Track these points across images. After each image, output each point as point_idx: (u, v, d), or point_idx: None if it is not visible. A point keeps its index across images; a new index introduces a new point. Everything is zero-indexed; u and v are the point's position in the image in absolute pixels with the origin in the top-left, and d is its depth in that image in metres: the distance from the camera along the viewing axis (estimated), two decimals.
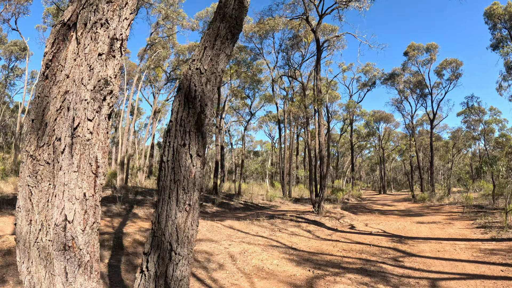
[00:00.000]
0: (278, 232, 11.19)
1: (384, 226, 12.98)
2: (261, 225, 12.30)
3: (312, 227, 12.55)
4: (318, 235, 11.18)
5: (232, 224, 12.28)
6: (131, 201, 16.84)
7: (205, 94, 2.55)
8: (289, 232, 11.35)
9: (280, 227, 12.15)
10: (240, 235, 10.63)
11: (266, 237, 10.41)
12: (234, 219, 13.45)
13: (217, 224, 11.98)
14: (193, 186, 2.39)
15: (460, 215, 15.50)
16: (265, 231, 11.31)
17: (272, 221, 12.92)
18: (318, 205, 15.01)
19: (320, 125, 15.68)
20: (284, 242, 9.91)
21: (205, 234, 10.33)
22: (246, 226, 11.98)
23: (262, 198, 22.38)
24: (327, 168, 14.67)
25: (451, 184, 34.02)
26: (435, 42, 30.60)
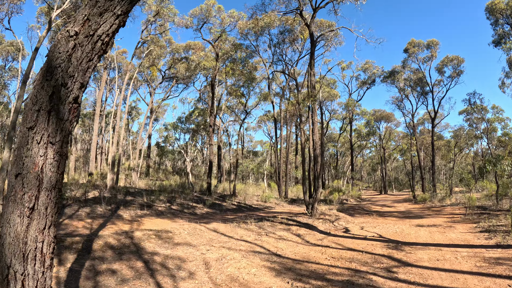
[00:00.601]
0: (264, 236, 10.31)
1: (381, 230, 12.05)
2: (248, 228, 11.42)
3: (303, 230, 11.65)
4: (308, 240, 10.28)
5: (217, 227, 11.44)
6: (118, 202, 15.99)
7: (71, 63, 1.69)
8: (277, 236, 10.46)
9: (268, 230, 11.26)
10: (222, 239, 9.78)
11: (250, 242, 9.54)
12: (221, 221, 12.59)
13: (201, 227, 11.15)
14: (39, 183, 1.57)
15: (462, 217, 14.52)
16: (251, 235, 10.43)
17: (261, 224, 12.04)
18: (312, 207, 14.11)
19: (314, 122, 14.79)
20: (269, 247, 9.03)
21: (184, 238, 9.49)
22: (231, 230, 11.13)
23: (257, 199, 21.50)
24: (321, 168, 13.77)
25: (453, 184, 32.92)
26: (436, 39, 29.56)
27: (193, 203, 18.12)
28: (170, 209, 16.44)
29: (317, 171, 14.18)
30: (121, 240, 8.19)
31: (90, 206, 13.97)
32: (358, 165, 77.74)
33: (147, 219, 12.75)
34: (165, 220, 12.98)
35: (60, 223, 10.74)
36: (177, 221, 12.82)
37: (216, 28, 25.54)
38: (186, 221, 12.88)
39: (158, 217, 13.70)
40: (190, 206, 17.48)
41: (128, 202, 16.37)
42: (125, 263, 6.67)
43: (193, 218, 13.97)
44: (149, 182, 26.07)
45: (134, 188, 22.89)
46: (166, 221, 12.56)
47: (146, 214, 14.33)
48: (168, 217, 14.09)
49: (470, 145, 39.68)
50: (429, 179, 40.94)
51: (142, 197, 17.65)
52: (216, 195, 21.95)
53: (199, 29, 25.52)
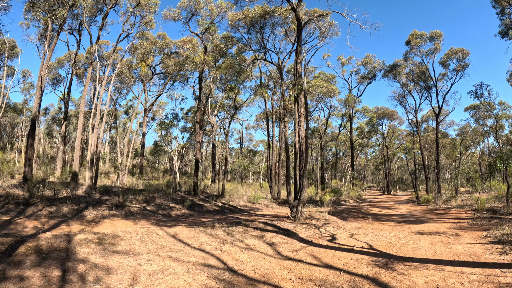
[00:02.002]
0: (228, 245, 8.46)
1: (373, 238, 10.05)
2: (213, 234, 9.60)
3: (279, 238, 9.74)
4: (280, 251, 8.38)
5: (180, 231, 9.68)
6: (90, 201, 14.62)
7: None
8: (244, 246, 8.60)
9: (237, 237, 9.40)
10: (176, 246, 8.07)
11: (207, 252, 7.76)
12: (188, 225, 10.78)
13: (160, 231, 9.41)
14: None
15: (469, 223, 12.40)
16: (213, 243, 8.63)
17: (231, 229, 10.18)
18: (296, 210, 12.17)
19: (300, 115, 12.86)
20: (227, 260, 7.21)
21: (132, 244, 7.88)
22: (194, 235, 9.34)
23: (246, 200, 19.61)
24: (305, 165, 11.83)
25: (458, 184, 30.50)
26: (440, 30, 27.24)
27: (173, 204, 16.41)
28: (144, 209, 14.83)
29: (302, 169, 12.23)
30: (54, 244, 7.01)
31: (57, 205, 12.97)
32: (361, 164, 75.30)
33: (109, 221, 11.28)
34: (129, 221, 11.43)
35: (11, 222, 9.74)
36: (141, 223, 11.20)
37: (205, 20, 23.77)
38: (151, 223, 11.22)
39: (125, 218, 12.22)
40: (167, 207, 15.76)
41: (100, 202, 15.06)
42: (40, 270, 5.67)
43: (162, 220, 12.22)
44: (136, 181, 24.47)
45: (117, 187, 21.38)
46: (128, 223, 11.03)
47: (114, 215, 12.94)
48: (136, 218, 12.54)
49: (476, 143, 37.04)
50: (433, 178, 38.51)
51: (119, 197, 16.10)
52: (203, 195, 20.16)
53: (187, 22, 23.78)
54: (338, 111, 35.94)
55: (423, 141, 36.67)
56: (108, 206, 14.53)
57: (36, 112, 20.08)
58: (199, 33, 22.99)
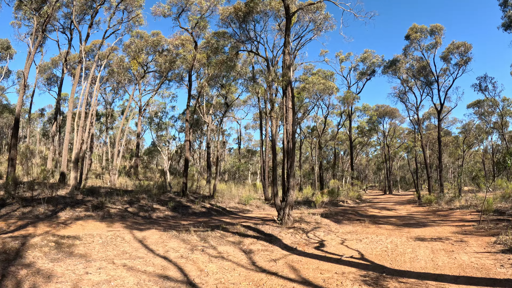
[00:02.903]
0: (197, 253, 7.35)
1: (367, 246, 8.78)
2: (186, 239, 8.47)
3: (258, 245, 8.53)
4: (256, 261, 7.18)
5: (149, 236, 8.57)
6: (69, 202, 13.78)
7: None
8: (215, 253, 7.45)
9: (210, 243, 8.24)
10: (138, 253, 7.03)
11: (171, 260, 6.73)
12: (163, 228, 9.64)
13: (127, 235, 8.35)
14: None
15: (475, 226, 11.05)
16: (181, 250, 7.56)
17: (208, 234, 9.03)
18: (283, 213, 10.93)
19: (287, 109, 11.63)
20: (189, 271, 6.16)
21: (91, 249, 7.02)
22: (164, 240, 8.22)
23: (237, 201, 18.40)
24: (291, 164, 10.59)
25: (462, 183, 28.99)
26: (440, 24, 25.82)
27: (157, 205, 15.30)
28: (125, 211, 13.84)
29: (289, 168, 10.99)
30: (7, 246, 6.40)
31: (34, 206, 12.30)
32: (362, 164, 73.74)
33: (82, 222, 10.45)
34: (102, 224, 10.50)
35: None
36: (114, 225, 10.26)
37: (196, 15, 22.64)
38: (124, 226, 10.22)
39: (100, 220, 11.33)
40: (150, 208, 14.66)
41: (80, 203, 14.25)
42: None
43: (139, 223, 11.13)
44: (125, 182, 23.42)
45: (105, 188, 20.42)
46: (100, 226, 10.14)
47: (90, 216, 12.11)
48: (112, 220, 11.59)
49: (480, 140, 35.40)
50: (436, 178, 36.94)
51: (103, 198, 15.15)
52: (194, 196, 19.01)
53: (177, 18, 22.66)
54: (337, 109, 34.60)
55: (425, 139, 35.17)
56: (87, 207, 13.62)
57: (19, 111, 19.08)
58: (189, 29, 21.86)
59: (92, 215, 12.52)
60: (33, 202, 12.66)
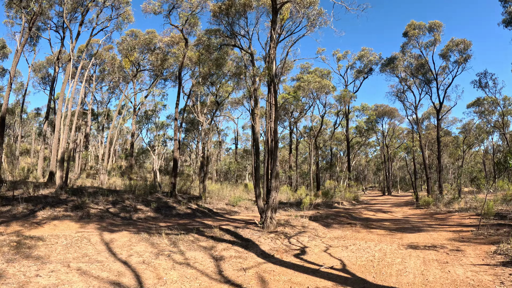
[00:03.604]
0: (162, 258, 6.71)
1: (353, 254, 7.84)
2: (155, 242, 7.76)
3: (232, 251, 7.66)
4: (224, 269, 6.36)
5: (119, 238, 7.90)
6: (52, 201, 13.28)
7: None
8: (182, 259, 6.73)
9: (179, 248, 7.47)
10: (99, 257, 6.45)
11: (130, 266, 6.11)
12: (136, 230, 8.86)
13: (95, 237, 7.77)
14: None
15: (473, 232, 10.05)
16: (146, 254, 6.94)
17: (180, 237, 8.28)
18: (265, 216, 10.01)
19: (271, 106, 10.73)
20: (147, 278, 5.78)
21: (52, 250, 6.57)
22: (132, 243, 7.55)
23: (226, 202, 17.51)
24: (274, 163, 9.69)
25: (461, 184, 27.88)
26: (439, 20, 24.76)
27: (141, 206, 14.50)
28: (106, 211, 13.12)
29: (272, 168, 10.08)
30: None
31: (13, 205, 11.86)
32: (362, 164, 72.57)
33: (57, 222, 10.01)
34: (76, 224, 9.88)
35: None
36: (87, 226, 9.61)
37: (187, 12, 21.80)
38: (98, 227, 9.51)
39: (76, 221, 10.74)
40: (133, 209, 13.87)
41: (62, 202, 13.45)
42: None
43: (115, 224, 10.39)
44: (116, 182, 22.63)
45: (94, 187, 19.73)
46: (74, 226, 9.57)
47: (68, 216, 11.54)
48: (89, 221, 10.95)
49: (480, 140, 34.19)
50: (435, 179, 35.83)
51: (85, 198, 14.51)
52: (182, 197, 18.16)
53: (168, 15, 21.84)
54: (334, 108, 33.58)
55: (424, 139, 34.05)
56: (68, 207, 12.97)
57: (5, 110, 18.33)
58: (179, 26, 21.03)
59: (70, 215, 12.00)
60: (13, 201, 12.29)
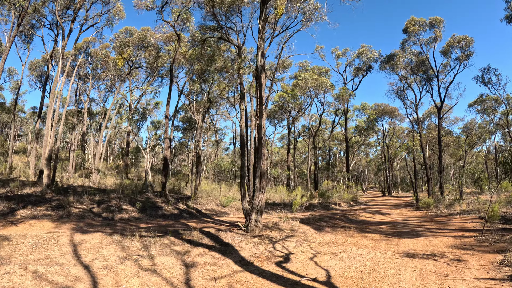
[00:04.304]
0: (128, 263, 6.13)
1: (341, 263, 6.95)
2: (126, 245, 7.18)
3: (208, 257, 6.86)
4: (193, 278, 5.61)
5: (90, 240, 7.40)
6: (34, 200, 12.76)
7: None
8: (149, 265, 6.13)
9: (150, 252, 6.81)
10: (62, 259, 5.94)
11: (91, 271, 5.57)
12: (111, 232, 8.16)
13: (65, 238, 7.12)
14: None
15: (477, 238, 9.11)
16: (111, 258, 6.27)
17: (154, 240, 7.63)
18: (249, 218, 9.15)
19: (257, 100, 9.87)
20: (103, 286, 5.28)
21: (16, 250, 6.12)
22: (101, 246, 7.05)
23: (218, 203, 16.65)
24: (259, 161, 8.84)
25: (463, 185, 26.81)
26: (440, 17, 23.73)
27: (126, 206, 13.75)
28: (88, 211, 12.49)
29: (257, 166, 9.21)
30: None
31: None
32: (362, 164, 71.40)
33: (33, 221, 9.57)
34: (52, 224, 9.41)
35: None
36: (63, 226, 9.10)
37: (180, 8, 20.98)
38: (73, 227, 8.97)
39: (54, 220, 10.25)
40: (117, 209, 13.11)
41: (45, 202, 12.88)
42: None
43: (93, 225, 9.83)
44: (106, 181, 21.91)
45: (84, 186, 19.10)
46: (49, 226, 9.11)
47: (47, 215, 11.10)
48: (68, 221, 10.42)
49: (482, 140, 33.02)
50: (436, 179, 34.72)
51: (70, 197, 13.84)
52: (172, 197, 17.36)
53: (160, 11, 21.04)
54: (333, 107, 32.60)
55: (425, 139, 32.97)
56: (50, 206, 12.40)
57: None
58: (172, 22, 20.22)
59: (51, 214, 11.48)
60: None
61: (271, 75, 20.99)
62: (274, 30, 20.21)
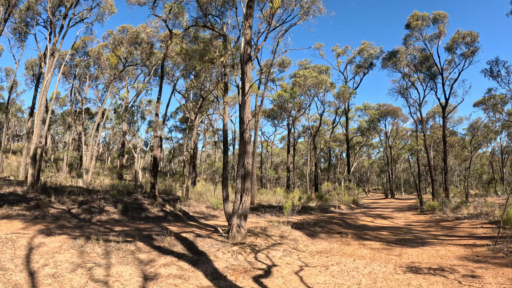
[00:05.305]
0: (78, 272, 5.27)
1: (331, 280, 5.78)
2: (87, 251, 6.41)
3: (174, 268, 5.82)
4: None
5: (51, 242, 6.73)
6: (12, 200, 12.05)
7: None
8: (101, 276, 5.26)
9: (109, 260, 5.94)
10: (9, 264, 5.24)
11: (35, 278, 4.80)
12: (79, 234, 7.32)
13: (24, 240, 6.44)
14: None
15: (490, 247, 7.85)
16: (64, 265, 5.45)
17: (119, 246, 6.77)
18: (230, 224, 8.02)
19: (244, 91, 8.75)
20: None
21: None
22: (60, 250, 6.38)
23: (207, 205, 15.54)
24: (243, 160, 7.72)
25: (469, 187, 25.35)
26: (444, 11, 22.43)
27: (110, 207, 12.79)
28: (66, 212, 11.71)
29: (242, 166, 8.08)
30: None
31: None
32: (365, 166, 69.81)
33: (4, 221, 9.01)
34: (23, 225, 8.64)
35: None
36: (30, 227, 8.25)
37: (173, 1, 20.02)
38: (42, 229, 8.12)
39: (26, 221, 9.50)
40: (99, 210, 12.13)
41: (23, 201, 12.10)
42: None
43: (66, 227, 9.06)
44: (103, 182, 20.95)
45: (72, 187, 18.18)
46: (17, 226, 8.31)
47: (21, 215, 10.33)
48: (38, 222, 9.54)
49: (488, 140, 31.46)
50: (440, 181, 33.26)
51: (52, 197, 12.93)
52: (162, 198, 16.31)
53: (153, 6, 20.11)
54: (333, 107, 31.35)
55: (429, 139, 31.54)
56: (29, 206, 11.66)
57: None
58: (163, 16, 19.26)
59: (25, 214, 10.72)
60: None
61: (266, 71, 19.89)
62: (270, 24, 19.11)
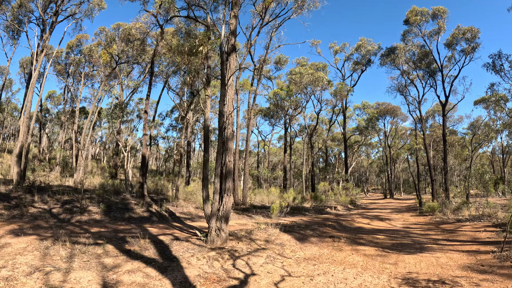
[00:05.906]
0: (35, 276, 4.77)
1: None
2: (51, 253, 5.98)
3: (140, 275, 5.16)
4: None
5: (18, 243, 6.14)
6: None
7: None
8: (56, 283, 4.74)
9: (71, 265, 5.39)
10: None
11: None
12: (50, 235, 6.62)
13: None
14: None
15: (496, 254, 7.02)
16: (21, 268, 4.92)
17: (86, 249, 6.26)
18: (209, 227, 7.24)
19: (226, 82, 7.98)
20: None
21: None
22: (24, 251, 5.91)
23: (196, 206, 14.77)
24: (224, 158, 6.94)
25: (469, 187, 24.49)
26: (443, 7, 21.61)
27: (93, 207, 12.10)
28: (47, 212, 11.23)
29: (223, 164, 7.30)
30: None
31: None
32: (364, 166, 68.91)
33: None
34: None
35: None
36: (3, 228, 7.55)
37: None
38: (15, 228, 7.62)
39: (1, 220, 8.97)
40: (80, 210, 11.43)
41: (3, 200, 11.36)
42: None
43: (42, 227, 8.50)
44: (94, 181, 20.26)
45: (62, 186, 17.56)
46: None
47: None
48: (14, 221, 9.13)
49: (489, 139, 30.55)
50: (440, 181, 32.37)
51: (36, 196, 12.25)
52: (151, 198, 15.58)
53: (144, 2, 19.37)
54: (330, 105, 30.52)
55: (429, 139, 30.68)
56: (7, 205, 10.97)
57: None
58: (153, 11, 18.52)
59: (3, 213, 10.15)
60: None
61: (259, 67, 19.11)
62: (263, 19, 18.30)
